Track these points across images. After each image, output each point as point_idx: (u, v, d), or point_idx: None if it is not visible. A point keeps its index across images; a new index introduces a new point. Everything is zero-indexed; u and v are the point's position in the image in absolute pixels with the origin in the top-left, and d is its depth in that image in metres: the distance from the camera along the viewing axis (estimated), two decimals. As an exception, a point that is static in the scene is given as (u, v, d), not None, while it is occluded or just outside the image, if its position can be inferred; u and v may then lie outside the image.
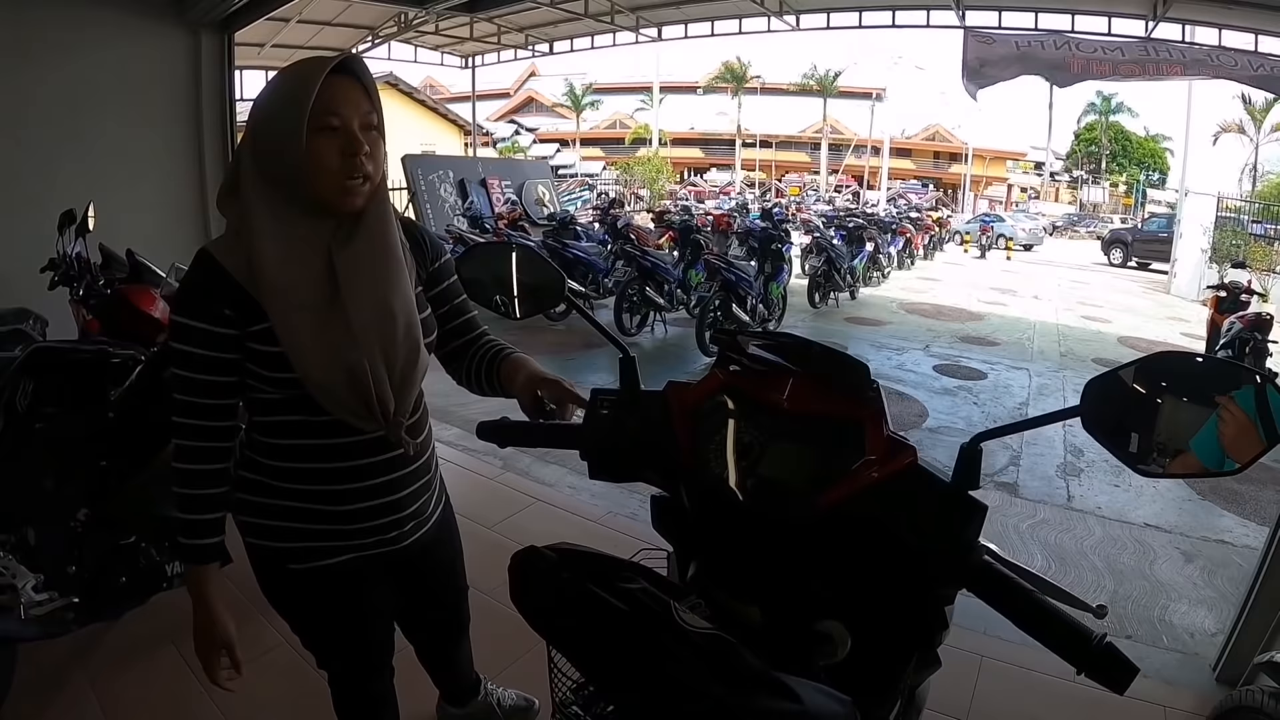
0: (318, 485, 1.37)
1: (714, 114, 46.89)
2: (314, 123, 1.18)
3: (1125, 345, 9.59)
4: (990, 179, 45.77)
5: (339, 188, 1.22)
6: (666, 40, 14.38)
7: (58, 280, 3.40)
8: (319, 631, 1.54)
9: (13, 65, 4.01)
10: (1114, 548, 3.79)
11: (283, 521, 1.40)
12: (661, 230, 12.03)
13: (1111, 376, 0.92)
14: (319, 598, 1.48)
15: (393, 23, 12.68)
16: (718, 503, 1.04)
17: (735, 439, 1.04)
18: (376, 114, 1.26)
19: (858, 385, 1.00)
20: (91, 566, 2.32)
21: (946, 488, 0.95)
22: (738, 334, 1.10)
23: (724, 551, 1.06)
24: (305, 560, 1.42)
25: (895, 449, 0.98)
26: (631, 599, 0.80)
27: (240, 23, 4.85)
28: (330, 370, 1.24)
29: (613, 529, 3.56)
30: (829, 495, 0.96)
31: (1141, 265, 21.63)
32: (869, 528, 0.96)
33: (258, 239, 1.22)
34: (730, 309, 8.05)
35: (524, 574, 0.91)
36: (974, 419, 6.14)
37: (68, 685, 2.44)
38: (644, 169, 34.29)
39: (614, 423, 1.19)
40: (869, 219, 14.54)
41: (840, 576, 0.99)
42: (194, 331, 1.23)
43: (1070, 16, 10.17)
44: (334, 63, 1.21)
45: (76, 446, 2.31)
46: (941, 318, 10.85)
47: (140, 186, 4.54)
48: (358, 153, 1.21)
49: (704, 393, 1.10)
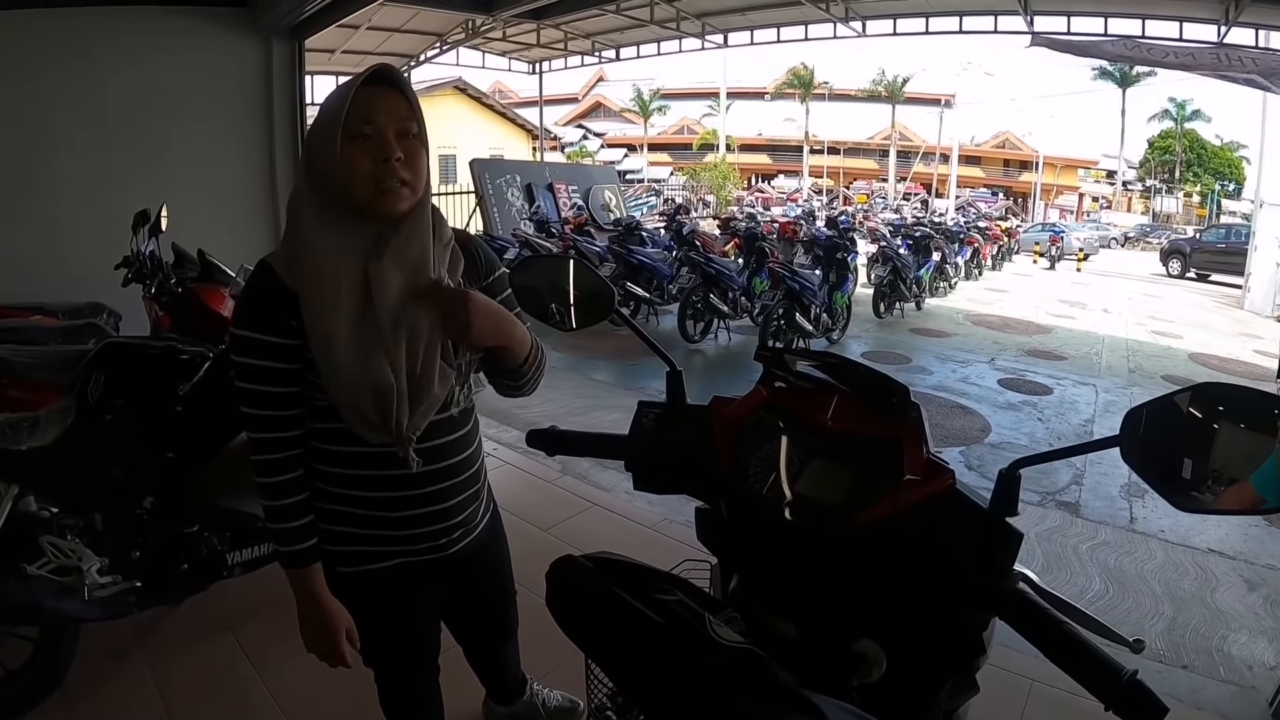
0: (369, 492, 1.41)
1: (782, 120, 46.62)
2: (349, 131, 1.23)
3: (1196, 362, 9.22)
4: (1061, 188, 44.46)
5: (373, 192, 1.25)
6: (732, 46, 14.35)
7: (131, 277, 3.55)
8: (365, 632, 1.55)
9: (90, 72, 4.21)
10: (1175, 573, 3.65)
11: (334, 525, 1.42)
12: (727, 237, 11.96)
13: (1159, 404, 0.89)
14: (366, 600, 1.50)
15: (460, 29, 12.90)
16: (757, 517, 1.05)
17: (776, 455, 1.05)
18: (416, 122, 1.29)
19: (899, 406, 1.00)
20: (155, 553, 2.43)
21: (983, 513, 0.94)
22: (783, 352, 1.11)
23: (762, 566, 1.07)
24: (354, 564, 1.46)
25: (934, 471, 0.97)
26: (666, 610, 0.82)
27: (311, 30, 4.98)
28: (354, 379, 1.26)
29: (666, 535, 3.55)
30: (866, 514, 0.96)
31: (1201, 276, 20.73)
32: (905, 549, 0.96)
33: (303, 247, 1.27)
34: (794, 318, 7.97)
35: (561, 582, 0.93)
36: (1038, 435, 5.98)
37: (127, 665, 2.55)
38: (711, 175, 34.20)
39: (659, 435, 1.21)
40: (936, 228, 14.26)
41: (876, 596, 0.98)
42: (255, 344, 1.27)
43: (1140, 21, 9.87)
44: (366, 74, 1.26)
45: (144, 438, 2.42)
46: (1008, 330, 10.57)
47: (212, 189, 4.70)
48: (389, 157, 1.24)
49: (747, 408, 1.11)
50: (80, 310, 3.68)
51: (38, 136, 4.12)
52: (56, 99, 4.14)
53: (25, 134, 4.08)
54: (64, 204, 4.16)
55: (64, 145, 4.17)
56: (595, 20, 12.98)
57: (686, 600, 0.84)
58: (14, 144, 4.06)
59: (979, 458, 5.30)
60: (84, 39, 4.18)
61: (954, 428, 5.96)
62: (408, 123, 1.27)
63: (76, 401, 2.35)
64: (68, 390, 2.42)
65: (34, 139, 4.11)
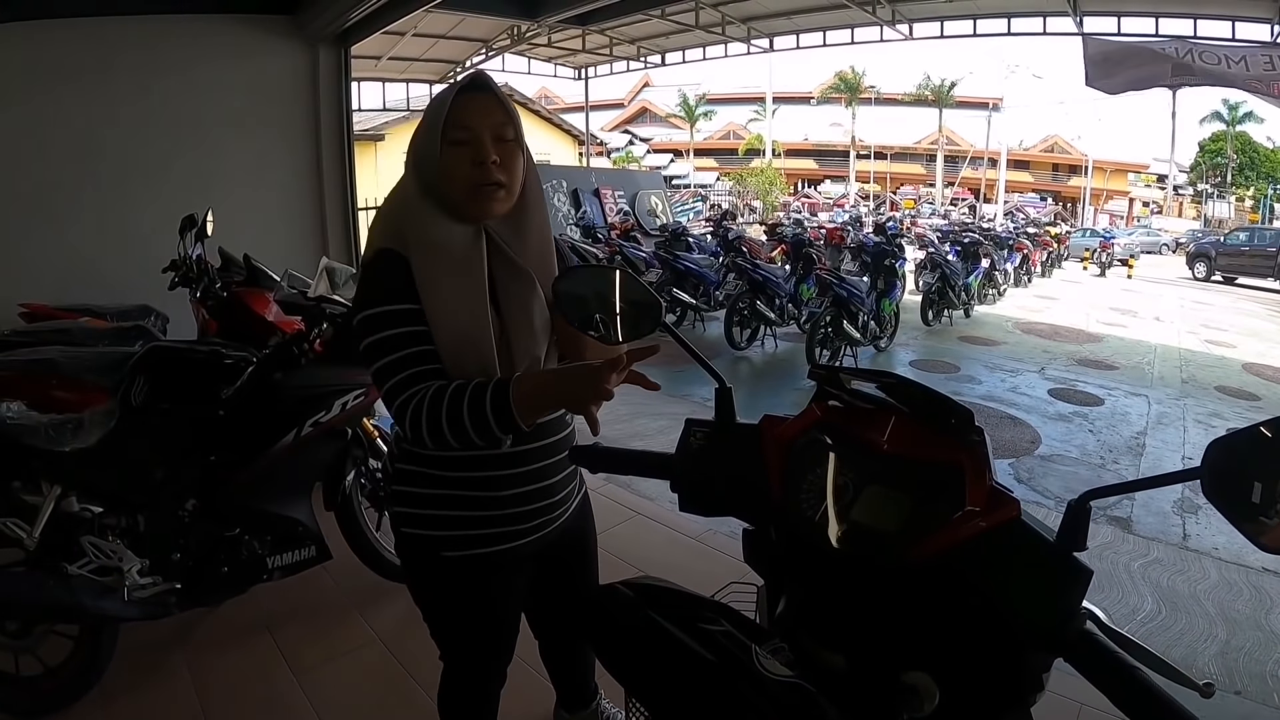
0: (475, 472, 1.43)
1: (828, 125, 46.38)
2: (448, 136, 1.30)
3: (1250, 373, 8.93)
4: (1111, 192, 43.61)
5: (469, 194, 1.32)
6: (778, 51, 14.26)
7: (178, 281, 3.60)
8: (458, 620, 1.58)
9: (138, 77, 4.29)
10: (1229, 593, 3.50)
11: (440, 510, 1.45)
12: (774, 243, 11.88)
13: (1244, 435, 0.82)
14: (467, 586, 1.52)
15: (506, 35, 13.00)
16: (807, 543, 0.99)
17: (829, 478, 0.99)
18: (512, 127, 1.34)
19: (961, 430, 0.94)
20: (195, 555, 2.45)
21: (1050, 548, 0.87)
22: (838, 369, 1.06)
23: (811, 593, 1.02)
24: (460, 548, 1.47)
25: (997, 501, 0.91)
26: (712, 642, 0.78)
27: (357, 36, 5.02)
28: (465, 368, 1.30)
29: (711, 547, 3.50)
30: (924, 546, 0.90)
31: (1227, 280, 20.52)
32: (963, 581, 0.90)
33: (415, 237, 1.33)
34: (842, 325, 7.83)
35: (602, 614, 0.89)
36: (1089, 447, 5.82)
37: (165, 664, 2.57)
38: (757, 180, 34.11)
39: (706, 455, 1.16)
40: (985, 234, 14.03)
41: (930, 628, 0.93)
42: (396, 314, 1.30)
43: (1191, 21, 9.65)
44: (463, 81, 1.33)
45: (187, 441, 2.45)
46: (1058, 338, 10.35)
47: (259, 194, 4.76)
48: (485, 160, 1.30)
49: (799, 428, 1.05)
50: (129, 313, 3.73)
51: (95, 139, 4.21)
52: (113, 102, 4.23)
53: (84, 136, 4.17)
54: (116, 206, 4.24)
55: (118, 147, 4.25)
56: (640, 25, 12.99)
57: (733, 631, 0.80)
58: (73, 146, 4.14)
59: (1029, 470, 5.17)
60: (138, 45, 4.26)
61: (1003, 439, 5.83)
62: (504, 127, 1.33)
63: (120, 404, 2.38)
64: (112, 392, 2.45)
65: (91, 141, 4.20)
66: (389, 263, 1.32)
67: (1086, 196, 41.02)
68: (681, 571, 3.06)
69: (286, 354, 2.57)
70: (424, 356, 1.29)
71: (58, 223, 4.07)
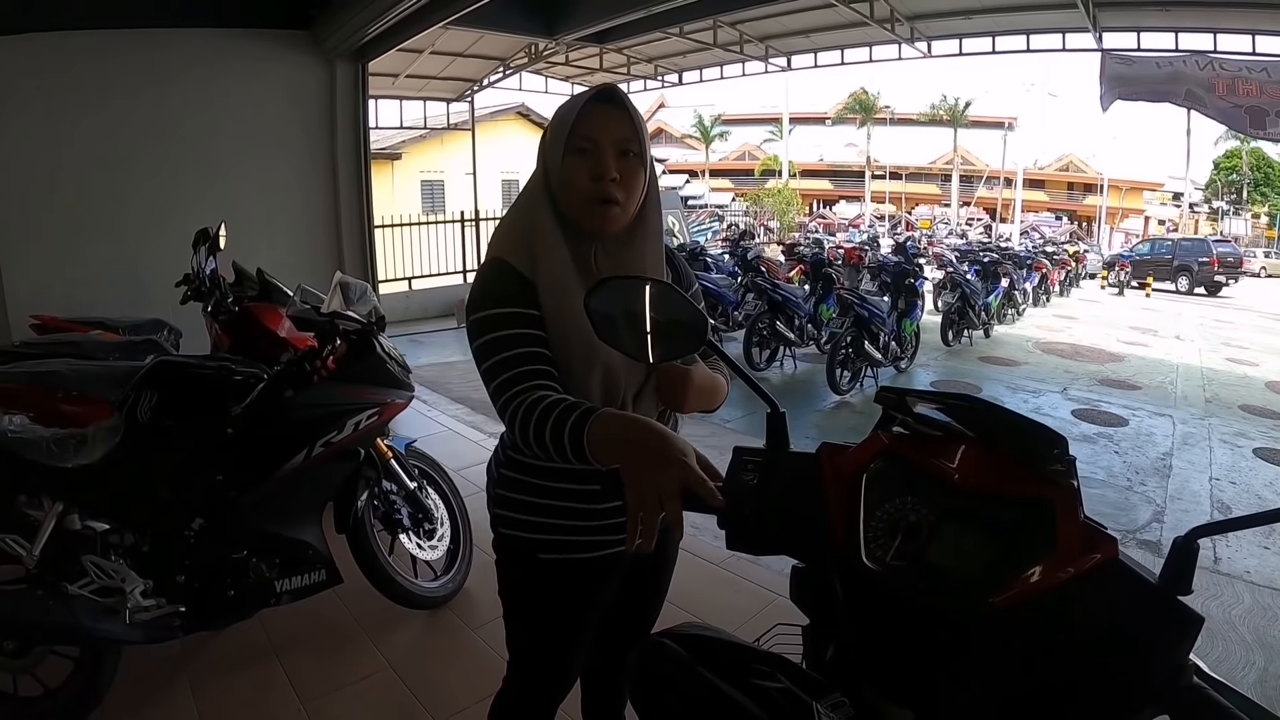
0: (579, 485, 1.39)
1: (843, 145, 46.34)
2: (571, 145, 1.29)
3: (1274, 390, 8.84)
4: (1127, 211, 43.38)
5: (585, 207, 1.31)
6: (796, 70, 14.23)
7: (190, 295, 3.55)
8: (545, 626, 1.54)
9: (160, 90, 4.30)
10: (1264, 618, 3.40)
11: (541, 517, 1.44)
12: (792, 263, 11.80)
13: None
14: (559, 589, 1.49)
15: (523, 53, 13.02)
16: (874, 587, 0.88)
17: (898, 515, 0.89)
18: (637, 142, 1.32)
19: (1047, 459, 0.84)
20: (201, 577, 2.37)
21: (1152, 590, 0.78)
22: (906, 392, 0.96)
23: (876, 641, 0.91)
24: (557, 551, 1.45)
25: (1092, 539, 0.81)
26: (769, 701, 0.69)
27: (374, 53, 5.03)
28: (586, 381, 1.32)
29: (734, 573, 3.40)
30: (1010, 592, 0.80)
31: (1140, 285, 21.57)
32: (1049, 628, 0.80)
33: (537, 247, 1.32)
34: (863, 345, 7.74)
35: (651, 673, 0.80)
36: (1115, 469, 5.69)
37: (168, 689, 2.49)
38: (773, 200, 34.12)
39: (758, 488, 1.01)
40: (1004, 253, 13.92)
41: (1012, 682, 0.82)
42: (510, 317, 1.28)
43: (1212, 35, 9.62)
44: (594, 91, 1.32)
45: (194, 459, 2.37)
46: (1079, 358, 10.26)
47: (274, 209, 4.75)
48: (604, 176, 1.29)
49: (864, 457, 0.94)
50: (141, 326, 3.70)
51: (112, 151, 4.22)
52: (129, 115, 4.24)
53: (101, 149, 4.18)
54: (132, 219, 4.24)
55: (134, 161, 4.26)
56: (658, 44, 13.00)
57: (791, 687, 0.71)
58: (89, 158, 4.15)
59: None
60: (155, 58, 4.28)
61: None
62: (629, 142, 1.31)
63: (126, 419, 2.32)
64: (118, 407, 2.39)
65: (108, 154, 4.21)
66: (503, 270, 1.32)
67: (1102, 215, 40.82)
68: (704, 601, 3.00)
69: (298, 371, 2.50)
70: (532, 358, 1.26)
71: (72, 235, 4.07)
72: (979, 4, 10.42)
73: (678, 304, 1.16)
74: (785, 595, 1.06)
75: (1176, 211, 43.38)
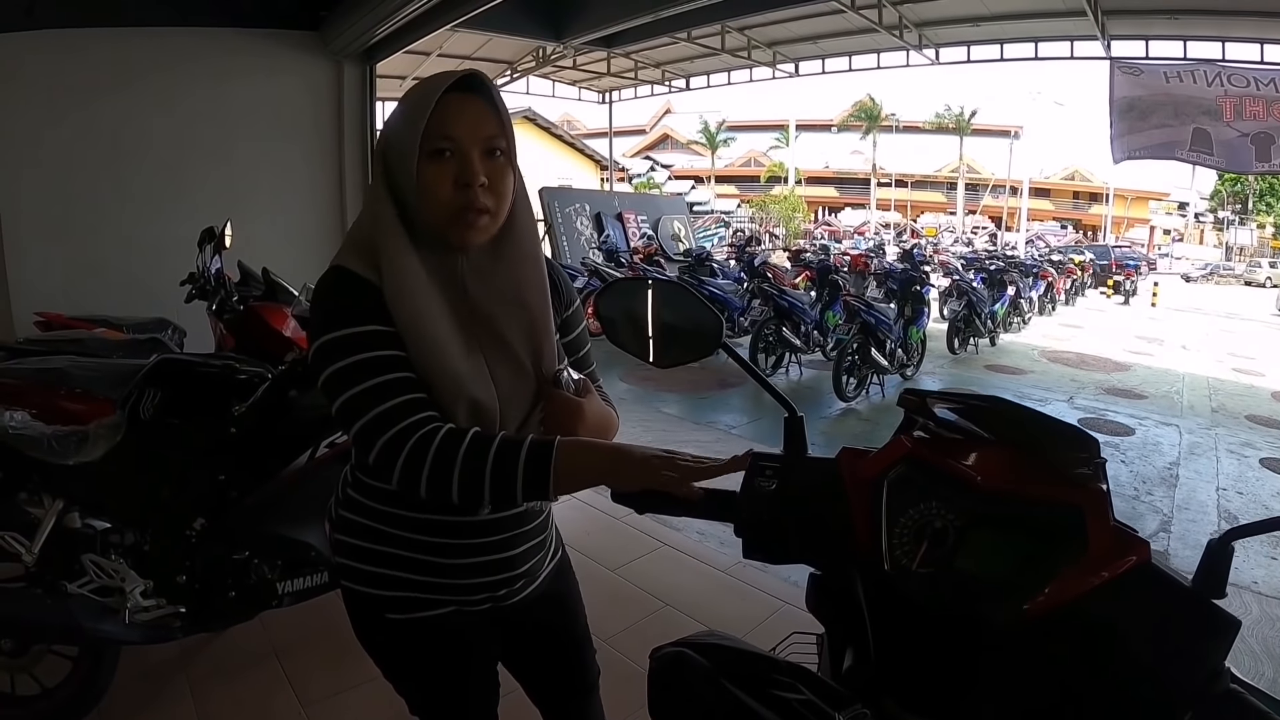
0: (423, 536, 1.22)
1: (848, 152, 46.53)
2: (427, 145, 1.07)
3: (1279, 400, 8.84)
4: (1132, 220, 43.40)
5: (450, 221, 1.10)
6: (804, 75, 14.24)
7: (194, 294, 3.54)
8: (414, 684, 1.38)
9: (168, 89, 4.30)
10: (1272, 628, 3.36)
11: (383, 569, 1.25)
12: (798, 270, 11.79)
13: None
14: (416, 650, 1.32)
15: (531, 57, 13.08)
16: (899, 595, 0.86)
17: (923, 521, 0.85)
18: (505, 139, 1.12)
19: (1075, 461, 0.81)
20: (202, 578, 2.34)
21: (1186, 594, 0.76)
22: (929, 394, 0.92)
23: (898, 651, 0.89)
24: (404, 610, 1.27)
25: (1124, 543, 0.78)
26: (791, 713, 0.68)
27: (381, 54, 5.04)
28: (453, 409, 1.11)
29: (741, 580, 3.34)
30: (1041, 598, 0.77)
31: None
32: (1085, 633, 0.77)
33: (388, 261, 1.10)
34: (869, 352, 7.70)
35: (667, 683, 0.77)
36: (1121, 479, 5.65)
37: (167, 690, 2.46)
38: (779, 207, 34.17)
39: (776, 494, 0.98)
40: (1010, 262, 13.89)
41: (1040, 692, 0.80)
42: (363, 336, 1.07)
43: (1220, 44, 9.64)
44: (453, 79, 1.08)
45: (196, 459, 2.34)
46: (1085, 367, 10.23)
47: (281, 208, 4.75)
48: (472, 183, 1.08)
49: (885, 462, 0.91)
50: (145, 325, 3.69)
51: (119, 149, 4.21)
52: (136, 114, 4.24)
53: (108, 147, 4.18)
54: (138, 218, 4.23)
55: (142, 159, 4.25)
56: (666, 49, 13.06)
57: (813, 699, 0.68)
58: (97, 157, 4.15)
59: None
60: (164, 58, 4.29)
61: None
62: (496, 140, 1.11)
63: (128, 417, 2.30)
64: (121, 405, 2.37)
65: (115, 152, 4.20)
66: (350, 282, 1.10)
67: (1108, 224, 40.88)
68: (711, 608, 2.96)
69: (303, 371, 2.48)
70: (411, 384, 1.07)
71: (78, 233, 4.06)
72: (988, 11, 10.45)
73: (690, 306, 1.12)
74: (793, 602, 1.04)
75: (1182, 221, 43.35)
